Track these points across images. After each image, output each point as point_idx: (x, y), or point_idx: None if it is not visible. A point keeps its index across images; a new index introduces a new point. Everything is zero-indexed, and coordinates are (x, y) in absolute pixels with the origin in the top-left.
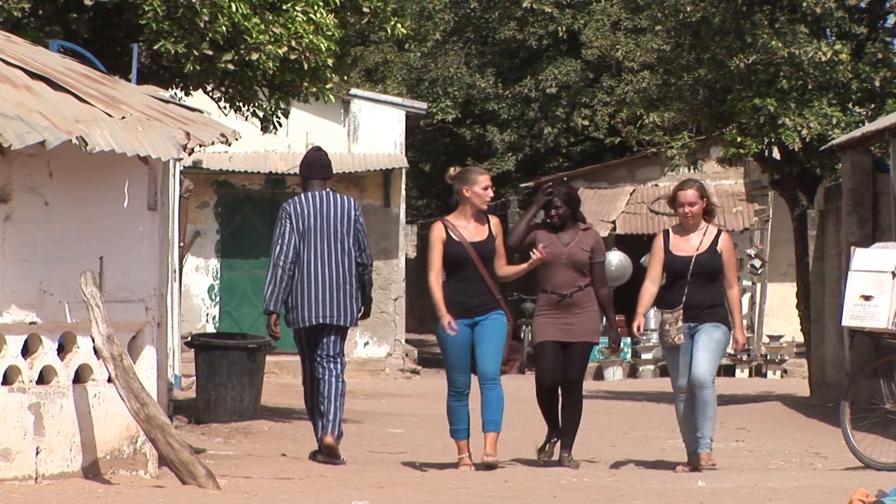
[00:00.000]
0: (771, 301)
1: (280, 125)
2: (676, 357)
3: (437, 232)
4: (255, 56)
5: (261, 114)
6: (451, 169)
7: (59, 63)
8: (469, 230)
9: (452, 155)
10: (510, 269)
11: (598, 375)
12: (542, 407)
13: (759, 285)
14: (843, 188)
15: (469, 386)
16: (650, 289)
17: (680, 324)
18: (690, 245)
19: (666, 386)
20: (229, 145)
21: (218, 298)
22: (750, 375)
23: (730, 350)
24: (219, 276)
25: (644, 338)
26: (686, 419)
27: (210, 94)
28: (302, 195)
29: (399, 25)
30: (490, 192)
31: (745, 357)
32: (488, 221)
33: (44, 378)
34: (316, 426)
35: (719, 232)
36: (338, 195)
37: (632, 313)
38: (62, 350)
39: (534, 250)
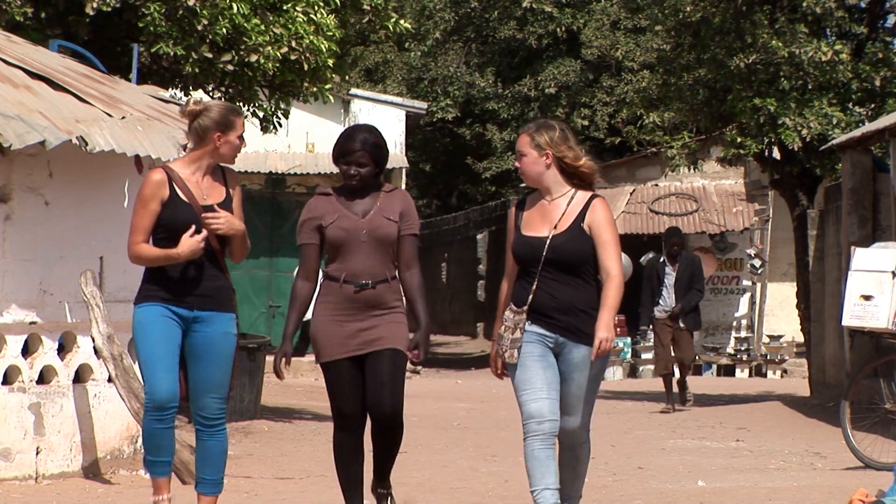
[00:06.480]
0: (771, 301)
1: (280, 125)
2: (515, 373)
3: (154, 187)
4: (254, 58)
5: (261, 114)
6: (192, 101)
7: (59, 63)
8: (203, 188)
9: (452, 154)
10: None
11: None
12: (339, 464)
13: (759, 285)
14: (843, 188)
15: (176, 401)
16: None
17: (518, 333)
18: (548, 220)
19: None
20: None
21: None
22: (750, 375)
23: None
24: None
25: (642, 339)
26: (543, 465)
27: (210, 94)
28: None
29: (401, 21)
30: (245, 144)
31: (744, 357)
32: (224, 176)
33: (44, 378)
34: None
35: (592, 199)
36: None
37: (632, 314)
38: (62, 350)
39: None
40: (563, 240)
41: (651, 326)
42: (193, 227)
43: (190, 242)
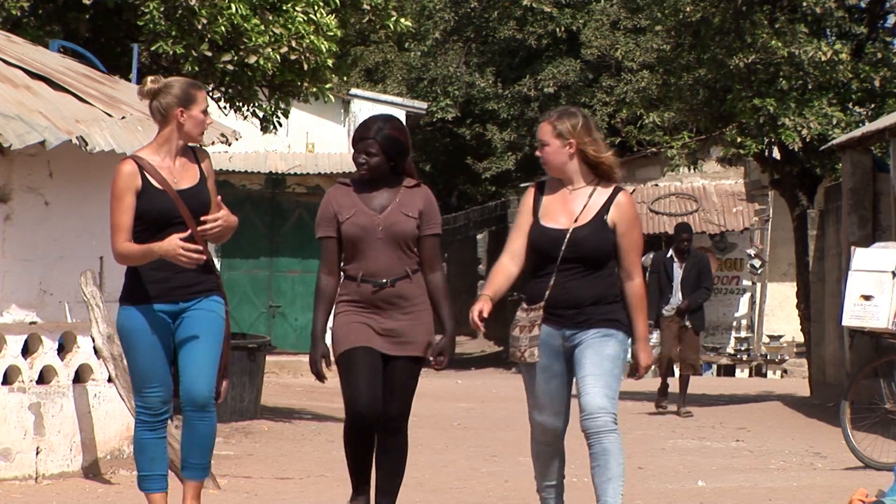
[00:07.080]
0: (771, 301)
1: (280, 125)
2: (534, 377)
3: (126, 179)
4: (253, 59)
5: (261, 114)
6: (149, 80)
7: (59, 63)
8: (175, 172)
9: (452, 154)
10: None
11: None
12: (350, 453)
13: (759, 285)
14: (843, 188)
15: (170, 405)
16: (506, 268)
17: (536, 331)
18: (569, 211)
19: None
20: (229, 145)
21: None
22: (750, 375)
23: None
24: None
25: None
26: (546, 465)
27: (210, 94)
28: None
29: (402, 20)
30: (210, 119)
31: (744, 357)
32: (195, 156)
33: (44, 378)
34: None
35: (615, 192)
36: None
37: None
38: (62, 350)
39: None
40: (584, 233)
41: (656, 324)
42: (189, 233)
43: (172, 247)
